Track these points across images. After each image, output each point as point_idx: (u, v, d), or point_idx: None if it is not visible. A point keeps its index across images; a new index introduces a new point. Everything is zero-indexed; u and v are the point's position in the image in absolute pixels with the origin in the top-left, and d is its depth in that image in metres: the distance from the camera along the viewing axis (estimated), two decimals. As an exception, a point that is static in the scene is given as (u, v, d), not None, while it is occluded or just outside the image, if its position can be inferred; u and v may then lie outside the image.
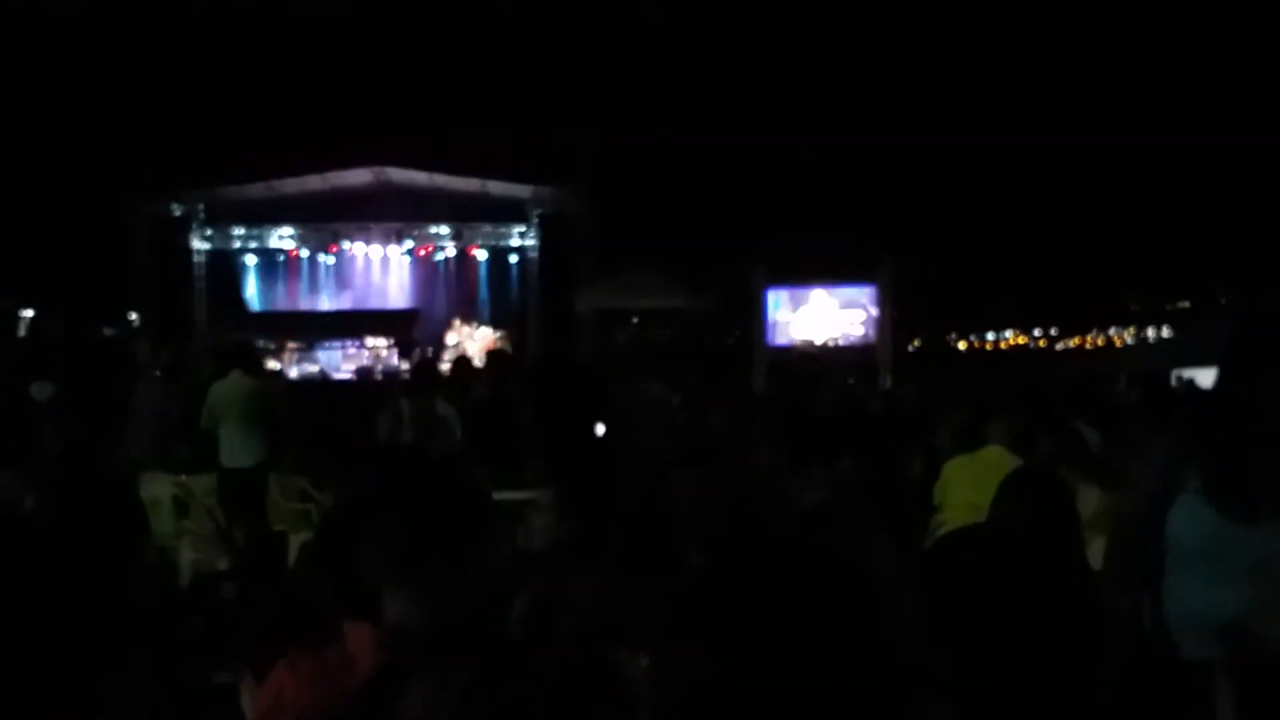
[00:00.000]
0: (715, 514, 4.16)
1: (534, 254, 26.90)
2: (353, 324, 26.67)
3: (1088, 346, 53.02)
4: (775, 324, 23.11)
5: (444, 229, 26.82)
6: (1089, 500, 5.68)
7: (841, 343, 23.05)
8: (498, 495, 2.70)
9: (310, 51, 34.76)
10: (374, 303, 27.64)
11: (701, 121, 36.92)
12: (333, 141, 29.61)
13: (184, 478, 10.61)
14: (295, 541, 9.43)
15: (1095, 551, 3.87)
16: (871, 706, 1.36)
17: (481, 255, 27.44)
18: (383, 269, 27.79)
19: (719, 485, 4.62)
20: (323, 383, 23.26)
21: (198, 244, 26.57)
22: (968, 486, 6.05)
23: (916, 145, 41.04)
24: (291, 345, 25.70)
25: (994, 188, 42.85)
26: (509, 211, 26.60)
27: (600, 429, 9.37)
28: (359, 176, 26.72)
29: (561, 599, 3.47)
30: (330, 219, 26.70)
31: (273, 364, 23.68)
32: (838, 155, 38.78)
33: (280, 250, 27.40)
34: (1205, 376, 17.42)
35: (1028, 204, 43.59)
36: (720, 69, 38.73)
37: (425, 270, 27.74)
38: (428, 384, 10.23)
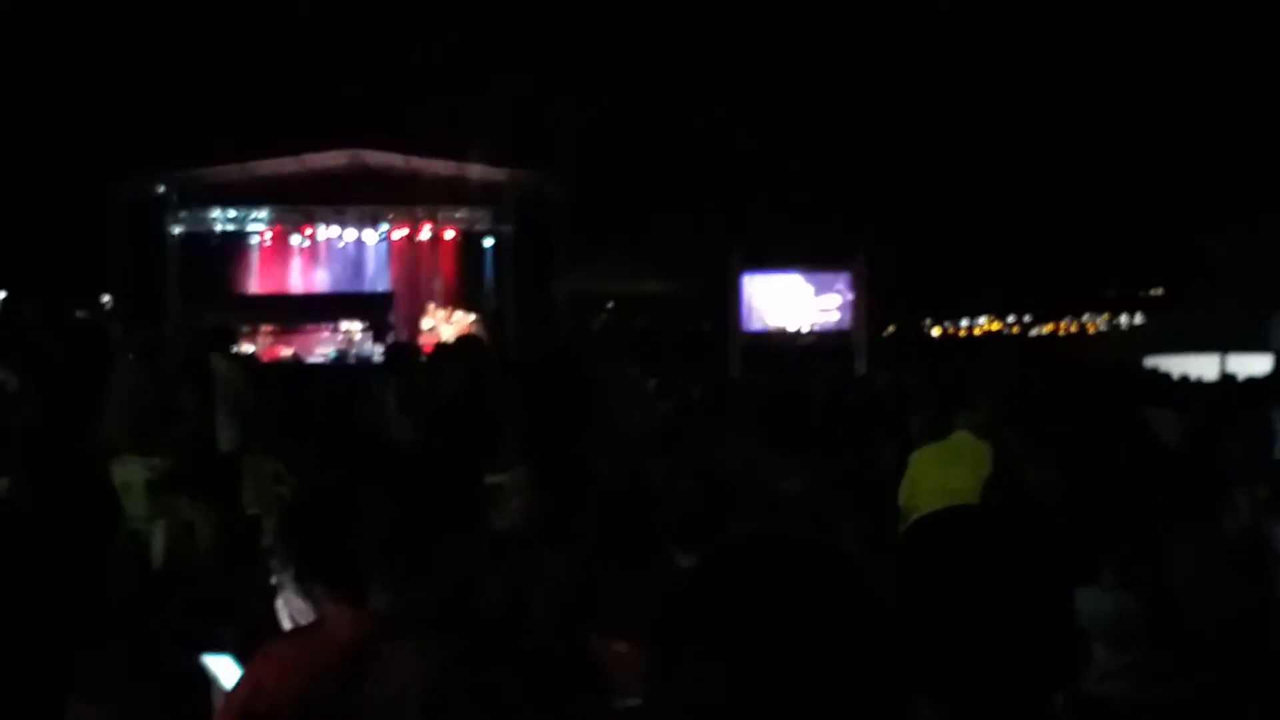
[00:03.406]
0: (692, 501, 4.16)
1: (510, 238, 26.82)
2: (327, 307, 26.57)
3: (1061, 333, 53.27)
4: (750, 309, 23.12)
5: (419, 212, 26.72)
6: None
7: (817, 329, 23.08)
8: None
9: (285, 32, 34.59)
10: (349, 286, 27.53)
11: (679, 106, 36.89)
12: (308, 123, 29.46)
13: (158, 461, 10.56)
14: (268, 525, 9.41)
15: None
16: (868, 710, 1.34)
17: (457, 239, 27.34)
18: (358, 252, 27.67)
19: (695, 470, 4.63)
20: (296, 365, 23.22)
21: (172, 226, 26.40)
22: (937, 472, 6.09)
23: (892, 132, 41.11)
24: (266, 328, 25.61)
25: (968, 175, 42.96)
26: (485, 195, 26.51)
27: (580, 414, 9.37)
28: (334, 159, 26.59)
29: (536, 580, 3.47)
30: (305, 201, 26.56)
31: (247, 346, 23.60)
32: (814, 141, 38.82)
33: (255, 232, 27.25)
34: (1177, 364, 17.52)
35: (1002, 191, 43.71)
36: (699, 54, 38.71)
37: (401, 253, 27.62)
38: (403, 368, 10.25)
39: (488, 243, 27.16)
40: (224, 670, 3.17)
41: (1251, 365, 16.45)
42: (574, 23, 36.49)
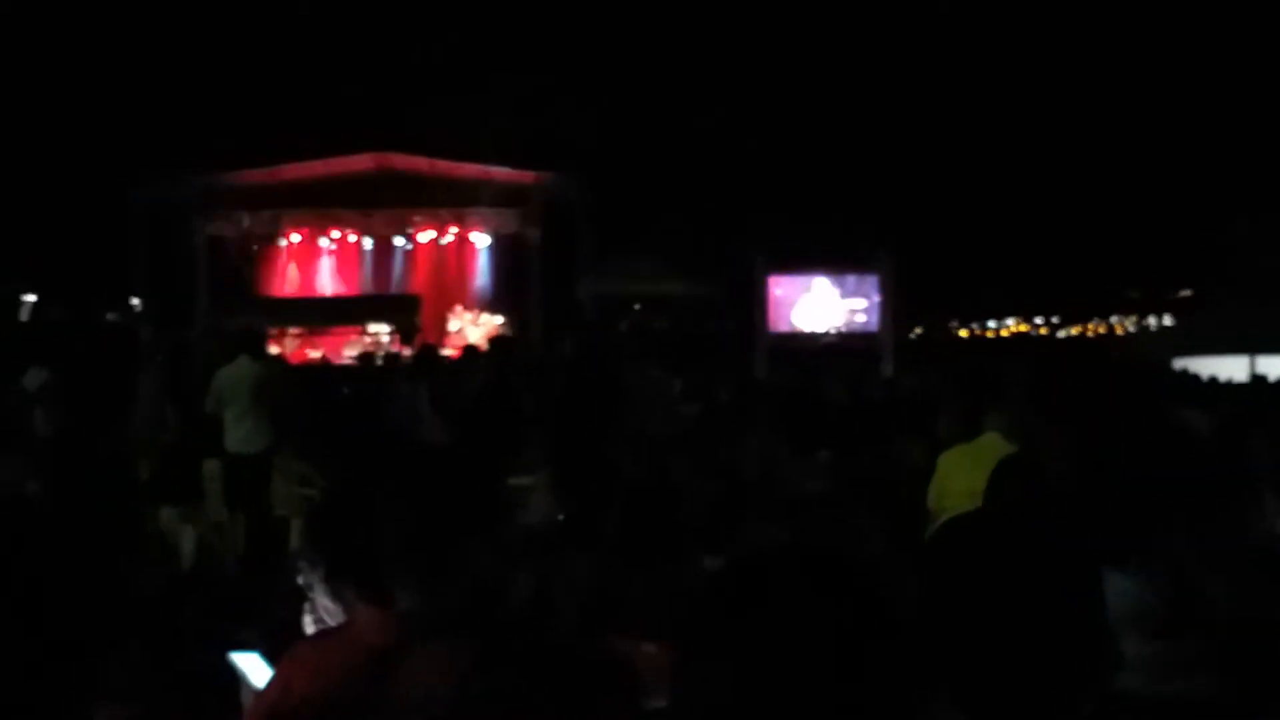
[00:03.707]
0: (716, 501, 4.16)
1: (535, 240, 26.84)
2: (354, 309, 26.67)
3: (1089, 335, 53.06)
4: (777, 311, 23.09)
5: (445, 215, 26.79)
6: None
7: (844, 330, 23.05)
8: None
9: (312, 36, 34.72)
10: (375, 288, 27.62)
11: (704, 109, 36.87)
12: (335, 127, 29.54)
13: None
14: (296, 527, 9.46)
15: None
16: (879, 712, 1.33)
17: (483, 241, 27.39)
18: (384, 255, 27.75)
19: (719, 471, 4.62)
20: (324, 368, 23.30)
21: (199, 229, 26.53)
22: (965, 474, 6.06)
23: (918, 135, 40.99)
24: (294, 331, 25.73)
25: (996, 176, 42.80)
26: (511, 198, 26.53)
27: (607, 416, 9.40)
28: (361, 162, 26.66)
29: (560, 581, 3.47)
30: (332, 205, 26.66)
31: (275, 349, 23.69)
32: (840, 143, 38.75)
33: (282, 236, 27.39)
34: (1206, 365, 17.41)
35: (1029, 192, 43.54)
36: (725, 57, 38.69)
37: (427, 256, 27.70)
38: (434, 369, 10.32)
39: (514, 245, 27.19)
40: (253, 669, 3.18)
41: (1281, 367, 16.36)
42: (600, 25, 36.54)
